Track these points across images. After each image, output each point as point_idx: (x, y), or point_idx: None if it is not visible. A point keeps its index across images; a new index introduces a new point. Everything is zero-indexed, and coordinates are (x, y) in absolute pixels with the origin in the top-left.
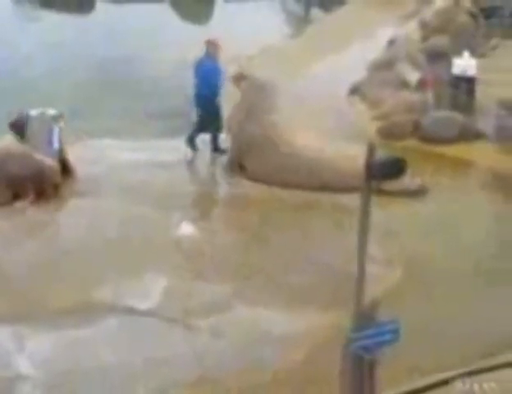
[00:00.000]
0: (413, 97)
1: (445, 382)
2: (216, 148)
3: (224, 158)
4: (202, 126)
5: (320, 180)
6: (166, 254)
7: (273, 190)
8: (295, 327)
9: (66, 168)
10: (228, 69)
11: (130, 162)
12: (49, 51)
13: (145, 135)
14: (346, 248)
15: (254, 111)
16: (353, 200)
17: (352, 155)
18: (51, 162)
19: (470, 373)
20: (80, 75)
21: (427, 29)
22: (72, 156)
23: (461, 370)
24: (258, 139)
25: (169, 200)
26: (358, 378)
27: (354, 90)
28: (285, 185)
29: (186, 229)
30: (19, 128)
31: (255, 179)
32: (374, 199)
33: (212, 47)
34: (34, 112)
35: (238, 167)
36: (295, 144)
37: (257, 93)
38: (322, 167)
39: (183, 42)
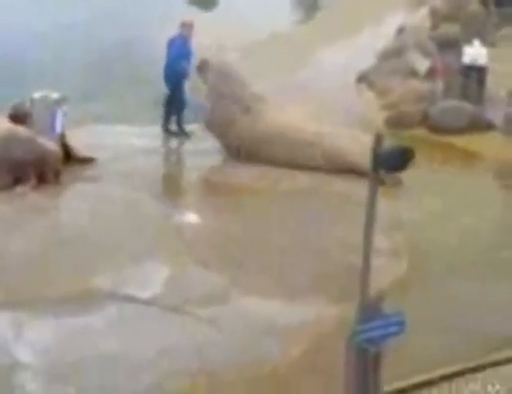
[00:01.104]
0: (422, 86)
1: (448, 377)
2: (181, 129)
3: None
4: (169, 108)
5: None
6: (167, 242)
7: (273, 174)
8: (297, 318)
9: (67, 153)
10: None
11: (134, 148)
12: (58, 32)
13: (151, 121)
14: (348, 237)
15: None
16: (351, 187)
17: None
18: (53, 147)
19: (474, 369)
20: (86, 59)
21: (438, 17)
22: (75, 141)
23: (465, 365)
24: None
25: (171, 187)
26: (363, 371)
27: (362, 78)
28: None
29: (187, 217)
30: (19, 120)
31: (251, 160)
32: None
33: (186, 28)
34: (37, 95)
35: (236, 152)
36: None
37: (225, 80)
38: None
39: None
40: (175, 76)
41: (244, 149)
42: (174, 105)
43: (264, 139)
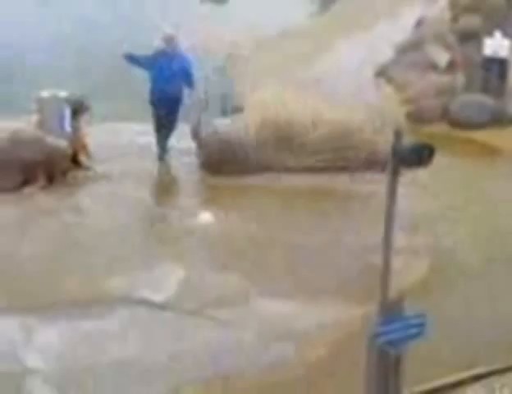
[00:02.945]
0: (442, 79)
1: (473, 379)
2: (161, 156)
3: None
4: (156, 129)
5: None
6: (181, 244)
7: (288, 177)
8: (316, 321)
9: (74, 155)
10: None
11: (142, 147)
12: (68, 30)
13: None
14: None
15: None
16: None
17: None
18: (62, 147)
19: (491, 373)
20: (95, 56)
21: (458, 8)
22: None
23: (482, 370)
24: None
25: (181, 186)
26: (383, 373)
27: (381, 72)
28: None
29: (202, 218)
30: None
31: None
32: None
33: (168, 43)
34: (45, 94)
35: None
36: None
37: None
38: None
39: (202, 23)
40: (164, 96)
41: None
42: (161, 127)
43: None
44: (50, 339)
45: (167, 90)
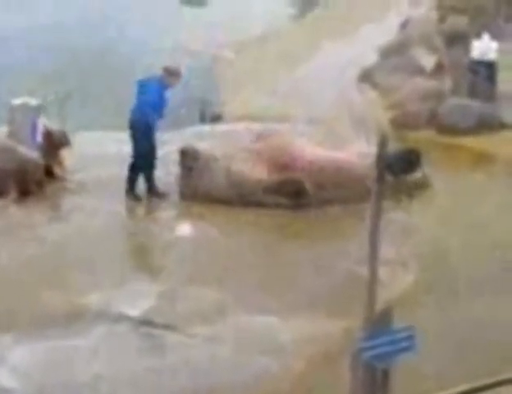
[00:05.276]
0: (428, 83)
1: None
2: (150, 189)
3: None
4: (137, 164)
5: None
6: (158, 258)
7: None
8: (298, 335)
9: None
10: None
11: (117, 157)
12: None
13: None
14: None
15: None
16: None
17: None
18: (35, 157)
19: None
20: (69, 61)
21: (445, 9)
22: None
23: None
24: None
25: (162, 200)
26: (370, 390)
27: (365, 77)
28: None
29: (181, 231)
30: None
31: None
32: None
33: (170, 76)
34: (16, 102)
35: None
36: None
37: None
38: None
39: (179, 26)
40: (144, 126)
41: None
42: (142, 163)
43: None
44: (25, 357)
45: (146, 118)
